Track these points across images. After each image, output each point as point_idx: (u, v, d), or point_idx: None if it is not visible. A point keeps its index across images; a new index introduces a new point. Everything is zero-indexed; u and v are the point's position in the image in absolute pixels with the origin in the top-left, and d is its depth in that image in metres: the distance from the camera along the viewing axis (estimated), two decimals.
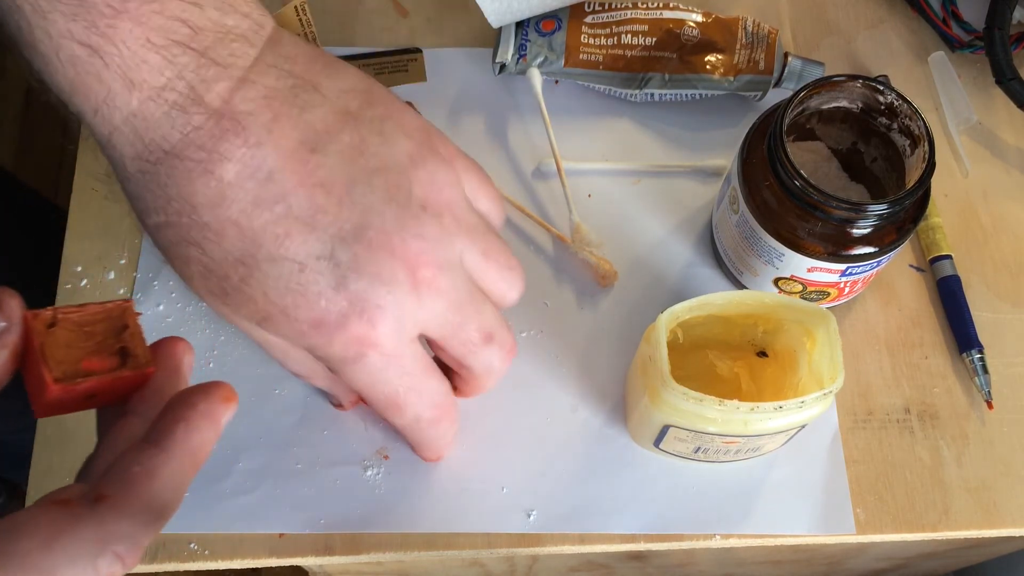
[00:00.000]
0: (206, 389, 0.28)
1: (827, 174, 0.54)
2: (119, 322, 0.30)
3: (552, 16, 0.61)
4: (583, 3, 0.62)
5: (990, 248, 0.59)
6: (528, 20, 0.61)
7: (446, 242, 0.37)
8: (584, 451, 0.53)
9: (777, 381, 0.51)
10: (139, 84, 0.30)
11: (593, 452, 0.53)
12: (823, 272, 0.50)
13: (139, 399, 0.30)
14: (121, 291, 0.57)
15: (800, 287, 0.53)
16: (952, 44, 0.65)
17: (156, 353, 0.31)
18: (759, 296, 0.47)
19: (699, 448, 0.49)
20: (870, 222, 0.47)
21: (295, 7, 0.47)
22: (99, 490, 0.25)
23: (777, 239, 0.49)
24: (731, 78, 0.60)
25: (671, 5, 0.61)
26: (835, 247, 0.48)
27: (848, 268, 0.50)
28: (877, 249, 0.49)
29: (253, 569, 0.66)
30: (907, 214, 0.49)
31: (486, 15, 0.59)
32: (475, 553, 0.51)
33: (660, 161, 0.61)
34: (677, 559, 0.67)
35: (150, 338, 0.30)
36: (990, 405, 0.54)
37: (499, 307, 0.43)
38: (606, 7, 0.61)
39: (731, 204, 0.52)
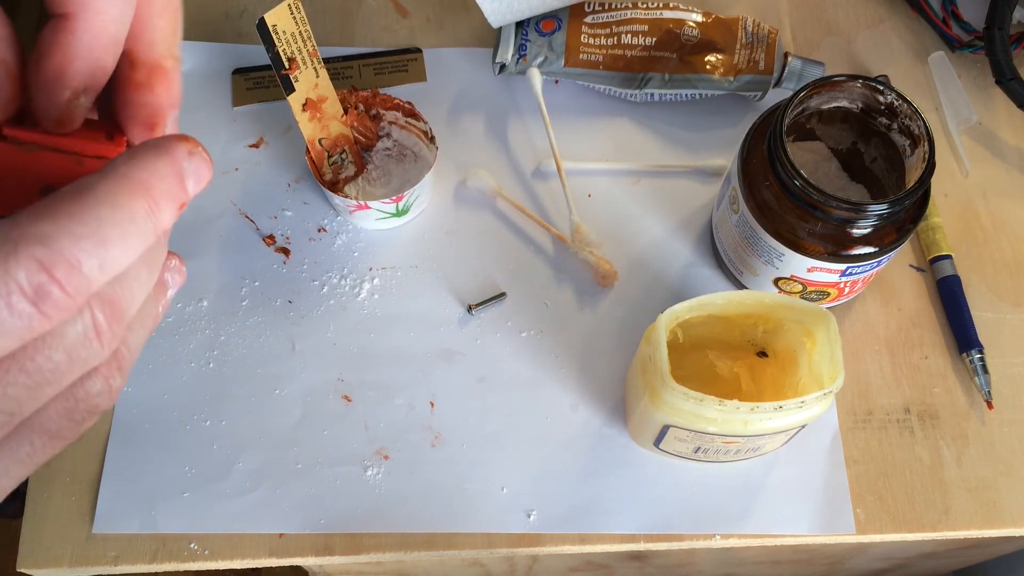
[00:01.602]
0: (162, 138, 0.23)
1: (827, 174, 0.54)
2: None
3: (552, 16, 0.61)
4: (583, 3, 0.62)
5: (990, 248, 0.59)
6: (528, 20, 0.61)
7: None
8: (584, 451, 0.53)
9: (777, 381, 0.51)
10: None
11: (593, 452, 0.53)
12: (823, 272, 0.50)
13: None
14: None
15: (800, 287, 0.53)
16: (952, 44, 0.64)
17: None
18: (759, 296, 0.47)
19: (699, 448, 0.49)
20: (870, 222, 0.47)
21: (288, 6, 0.47)
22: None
23: (777, 239, 0.49)
24: (731, 78, 0.60)
25: (671, 5, 0.61)
26: (835, 247, 0.48)
27: (848, 268, 0.50)
28: (877, 249, 0.49)
29: (253, 569, 0.66)
30: (907, 214, 0.49)
31: (486, 15, 0.59)
32: (475, 553, 0.51)
33: (660, 161, 0.61)
34: (677, 559, 0.67)
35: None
36: (990, 405, 0.54)
37: None
38: (606, 7, 0.61)
39: (731, 204, 0.52)
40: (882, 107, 0.50)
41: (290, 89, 0.51)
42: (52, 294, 0.19)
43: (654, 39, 0.60)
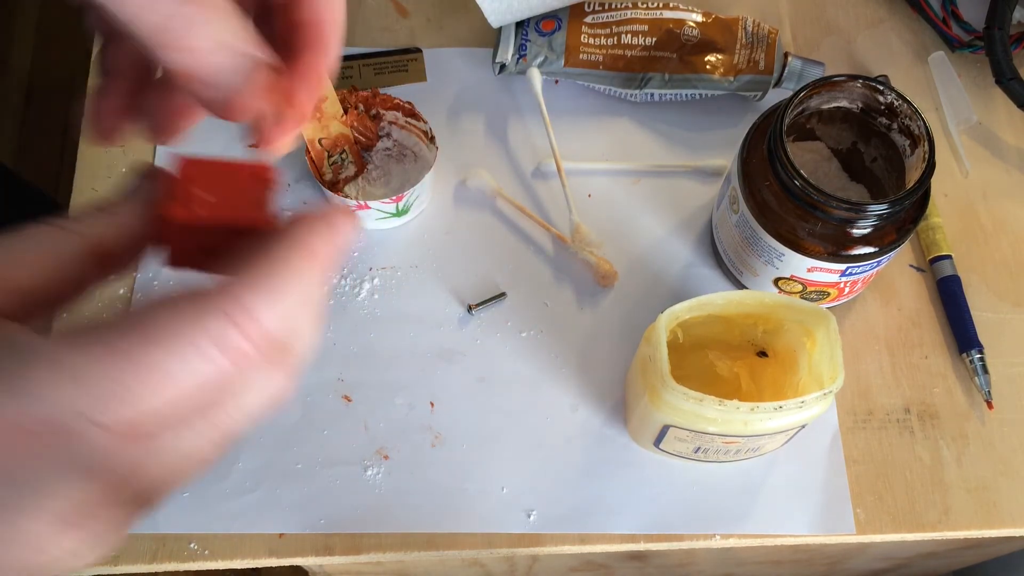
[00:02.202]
0: (330, 212, 0.26)
1: (827, 174, 0.54)
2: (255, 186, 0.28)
3: (552, 16, 0.61)
4: (583, 3, 0.62)
5: (990, 248, 0.59)
6: (528, 20, 0.61)
7: None
8: (584, 451, 0.53)
9: (777, 381, 0.51)
10: None
11: (593, 452, 0.53)
12: (823, 272, 0.50)
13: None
14: (121, 291, 0.57)
15: (800, 287, 0.53)
16: (952, 44, 0.64)
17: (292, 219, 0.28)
18: (759, 296, 0.47)
19: (699, 448, 0.49)
20: (870, 222, 0.47)
21: None
22: (220, 272, 0.24)
23: (777, 239, 0.49)
24: (731, 78, 0.60)
25: (671, 5, 0.61)
26: (835, 247, 0.48)
27: (848, 268, 0.50)
28: (877, 249, 0.49)
29: (253, 569, 0.66)
30: (907, 214, 0.49)
31: (486, 15, 0.59)
32: (475, 553, 0.51)
33: (660, 161, 0.61)
34: (677, 559, 0.67)
35: None
36: (990, 405, 0.54)
37: None
38: (606, 7, 0.61)
39: (731, 204, 0.52)
40: (882, 107, 0.50)
41: None
42: (241, 346, 0.22)
43: (654, 39, 0.60)
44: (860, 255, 0.49)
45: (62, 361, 0.21)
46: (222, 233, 0.26)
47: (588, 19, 0.61)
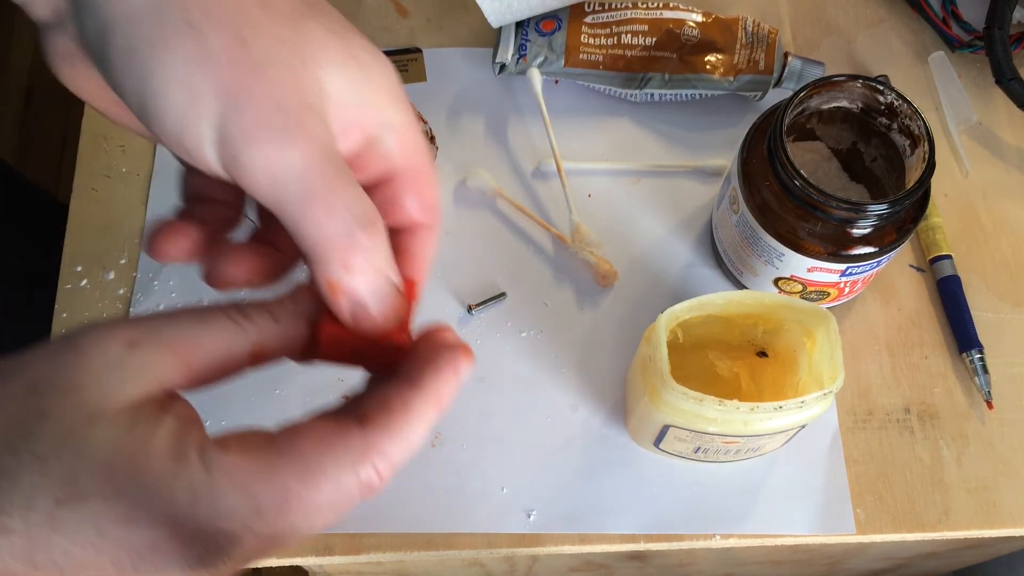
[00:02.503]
0: (452, 346, 0.31)
1: (827, 174, 0.54)
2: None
3: (552, 16, 0.61)
4: (583, 3, 0.62)
5: (990, 248, 0.59)
6: (528, 20, 0.61)
7: None
8: (584, 451, 0.53)
9: (777, 381, 0.51)
10: None
11: (593, 452, 0.53)
12: (823, 272, 0.50)
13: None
14: (121, 291, 0.57)
15: (800, 287, 0.53)
16: (952, 44, 0.64)
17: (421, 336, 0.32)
18: (759, 296, 0.47)
19: (699, 448, 0.49)
20: (870, 222, 0.47)
21: None
22: (363, 410, 0.28)
23: (777, 239, 0.49)
24: (731, 78, 0.60)
25: (671, 5, 0.61)
26: (835, 247, 0.48)
27: (848, 268, 0.50)
28: (877, 249, 0.49)
29: (253, 569, 0.66)
30: (907, 214, 0.49)
31: (486, 15, 0.59)
32: (475, 553, 0.51)
33: (660, 161, 0.61)
34: (677, 559, 0.67)
35: None
36: (990, 405, 0.54)
37: None
38: (606, 7, 0.61)
39: (731, 204, 0.52)
40: (882, 107, 0.50)
41: None
42: (376, 486, 0.28)
43: (654, 39, 0.60)
44: (860, 255, 0.49)
45: (241, 481, 0.25)
46: (367, 341, 0.31)
47: (588, 19, 0.61)
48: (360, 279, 0.28)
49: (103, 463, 0.25)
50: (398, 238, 0.32)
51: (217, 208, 0.33)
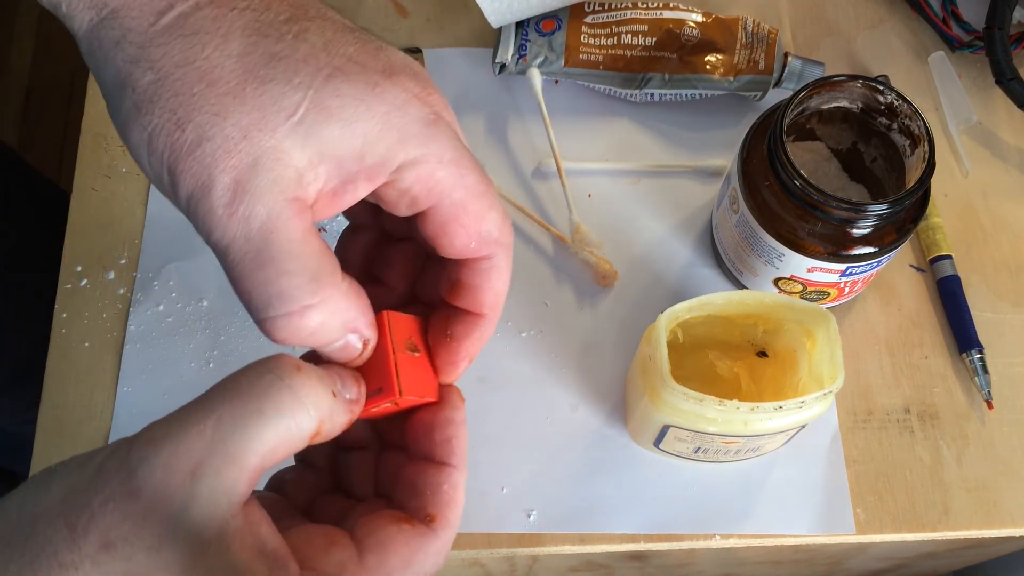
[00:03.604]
0: (451, 402, 0.32)
1: (827, 174, 0.54)
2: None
3: (552, 16, 0.61)
4: (583, 3, 0.62)
5: (990, 248, 0.59)
6: (528, 20, 0.61)
7: None
8: (584, 451, 0.53)
9: (777, 381, 0.51)
10: None
11: (593, 452, 0.53)
12: (823, 272, 0.50)
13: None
14: (121, 291, 0.57)
15: (800, 287, 0.53)
16: (952, 44, 0.64)
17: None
18: (759, 296, 0.47)
19: (699, 448, 0.49)
20: (870, 222, 0.47)
21: None
22: (427, 510, 0.30)
23: (777, 239, 0.49)
24: (731, 78, 0.60)
25: (671, 5, 0.61)
26: (835, 247, 0.48)
27: (848, 268, 0.50)
28: (877, 249, 0.49)
29: None
30: (907, 214, 0.49)
31: (486, 15, 0.59)
32: (475, 553, 0.50)
33: (660, 161, 0.61)
34: (677, 559, 0.66)
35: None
36: (990, 405, 0.54)
37: None
38: (606, 7, 0.61)
39: (731, 204, 0.52)
40: (882, 107, 0.50)
41: None
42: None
43: (654, 39, 0.60)
44: (860, 255, 0.49)
45: None
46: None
47: (588, 19, 0.61)
48: (305, 344, 0.29)
49: None
50: (458, 268, 0.33)
51: None
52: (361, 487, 0.33)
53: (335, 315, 0.28)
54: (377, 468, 0.34)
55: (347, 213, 0.35)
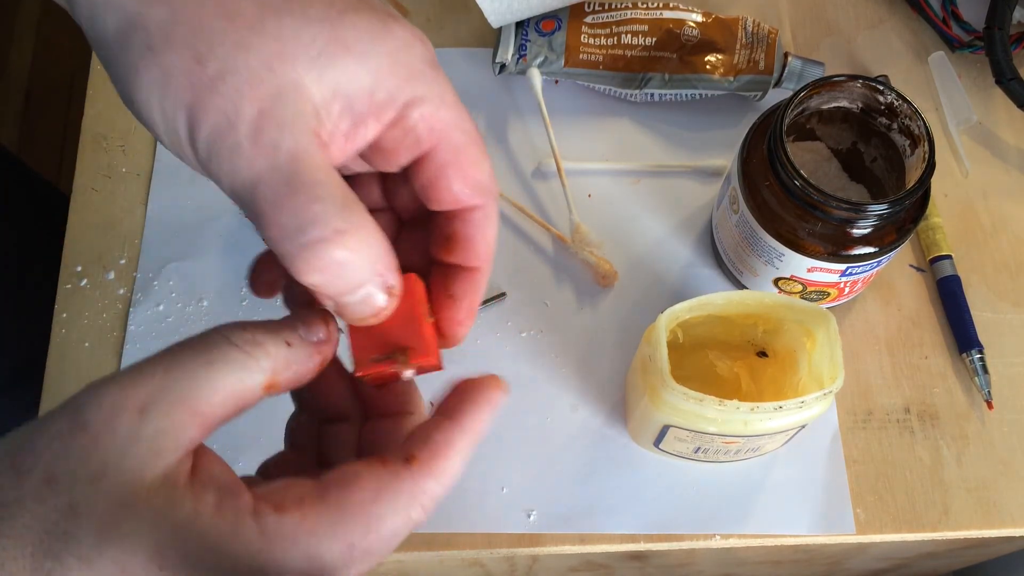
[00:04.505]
0: (488, 379, 0.31)
1: (827, 174, 0.54)
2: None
3: (552, 16, 0.61)
4: (583, 3, 0.62)
5: (990, 248, 0.59)
6: (528, 20, 0.61)
7: None
8: (584, 451, 0.53)
9: (777, 381, 0.51)
10: None
11: (593, 452, 0.53)
12: (823, 272, 0.50)
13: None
14: (121, 291, 0.57)
15: (800, 287, 0.53)
16: (952, 44, 0.64)
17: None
18: (759, 296, 0.47)
19: (699, 448, 0.49)
20: (870, 222, 0.47)
21: None
22: (409, 451, 0.28)
23: (777, 239, 0.49)
24: (731, 78, 0.60)
25: (671, 5, 0.61)
26: (835, 247, 0.48)
27: (848, 268, 0.50)
28: (877, 249, 0.49)
29: None
30: (907, 214, 0.49)
31: (486, 15, 0.59)
32: (475, 553, 0.50)
33: (660, 161, 0.61)
34: (677, 559, 0.66)
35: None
36: (990, 405, 0.54)
37: None
38: (606, 7, 0.61)
39: (731, 204, 0.52)
40: (882, 107, 0.50)
41: None
42: (423, 523, 0.28)
43: (654, 39, 0.60)
44: (860, 255, 0.49)
45: (307, 545, 0.26)
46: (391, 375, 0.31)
47: (588, 19, 0.61)
48: (333, 290, 0.28)
49: (154, 554, 0.24)
50: (450, 223, 0.32)
51: None
52: (344, 458, 0.32)
53: (365, 249, 0.27)
54: (360, 438, 0.33)
55: None
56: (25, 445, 0.25)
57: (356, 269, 0.27)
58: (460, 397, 0.30)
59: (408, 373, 0.31)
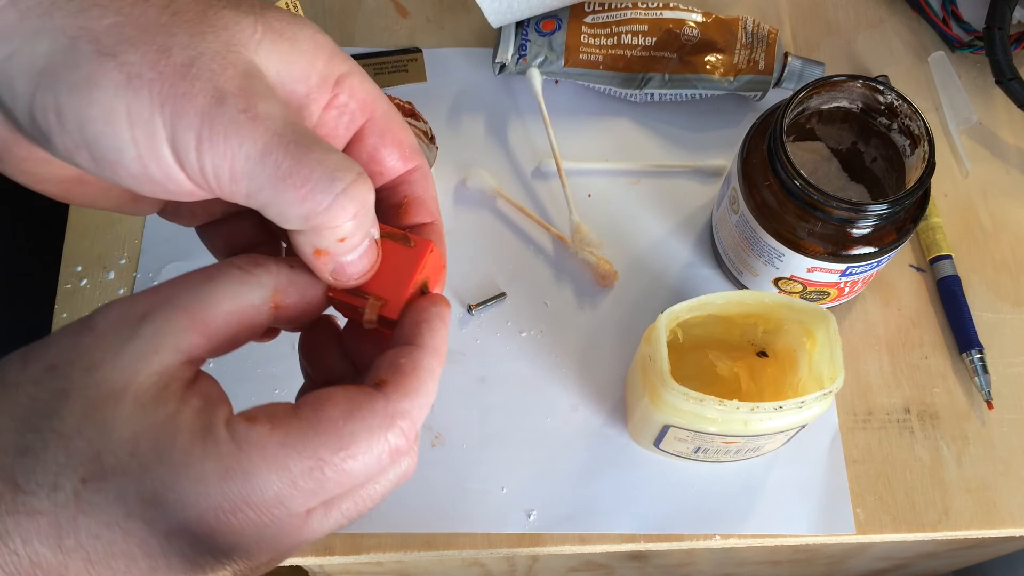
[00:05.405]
0: (432, 299, 0.31)
1: (827, 174, 0.54)
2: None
3: (552, 16, 0.61)
4: (583, 3, 0.62)
5: (990, 248, 0.59)
6: (528, 20, 0.61)
7: None
8: (584, 451, 0.53)
9: (777, 381, 0.51)
10: None
11: (593, 452, 0.53)
12: (823, 272, 0.50)
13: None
14: (121, 291, 0.57)
15: (800, 287, 0.53)
16: (952, 44, 0.65)
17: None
18: (759, 296, 0.47)
19: (699, 448, 0.49)
20: (870, 222, 0.47)
21: (287, 5, 0.47)
22: (378, 377, 0.28)
23: (777, 239, 0.49)
24: (731, 78, 0.60)
25: (671, 5, 0.61)
26: (835, 247, 0.48)
27: (848, 268, 0.50)
28: (877, 249, 0.49)
29: None
30: (907, 214, 0.49)
31: (486, 15, 0.59)
32: (475, 553, 0.51)
33: (660, 161, 0.61)
34: (677, 559, 0.66)
35: None
36: (990, 405, 0.54)
37: None
38: (606, 7, 0.61)
39: (731, 204, 0.52)
40: (882, 107, 0.50)
41: None
42: (403, 449, 0.28)
43: (654, 39, 0.60)
44: (860, 255, 0.49)
45: (274, 455, 0.25)
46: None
47: (588, 19, 0.61)
48: (350, 243, 0.28)
49: (127, 441, 0.25)
50: (397, 191, 0.32)
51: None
52: None
53: (370, 195, 0.28)
54: None
55: (211, 205, 0.33)
56: (38, 344, 0.27)
57: (367, 215, 0.28)
58: (411, 321, 0.30)
59: (369, 318, 0.31)
